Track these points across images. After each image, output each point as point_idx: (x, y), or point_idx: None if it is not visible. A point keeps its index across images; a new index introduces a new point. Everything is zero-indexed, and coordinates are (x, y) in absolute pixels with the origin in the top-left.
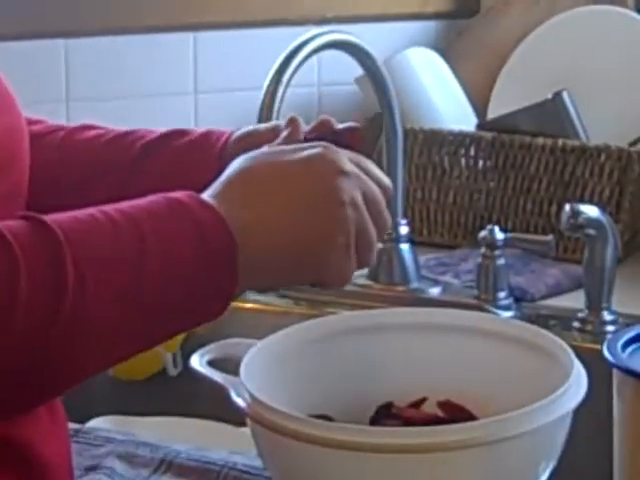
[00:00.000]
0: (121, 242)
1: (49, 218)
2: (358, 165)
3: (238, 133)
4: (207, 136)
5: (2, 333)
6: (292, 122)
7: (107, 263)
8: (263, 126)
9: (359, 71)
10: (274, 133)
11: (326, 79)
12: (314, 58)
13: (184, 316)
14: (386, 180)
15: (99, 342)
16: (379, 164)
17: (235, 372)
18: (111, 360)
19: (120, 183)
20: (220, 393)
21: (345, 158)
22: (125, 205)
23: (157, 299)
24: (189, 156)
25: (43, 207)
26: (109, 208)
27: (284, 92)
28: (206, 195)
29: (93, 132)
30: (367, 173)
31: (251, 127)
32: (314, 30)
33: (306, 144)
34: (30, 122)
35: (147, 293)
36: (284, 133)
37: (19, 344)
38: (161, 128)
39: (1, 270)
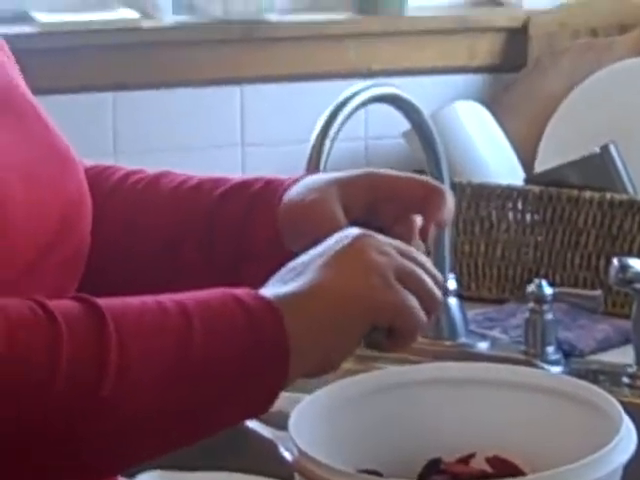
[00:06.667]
0: (168, 331)
1: (101, 301)
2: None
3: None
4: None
5: (41, 404)
6: None
7: (152, 352)
8: None
9: (406, 125)
10: None
11: (373, 133)
12: (361, 111)
13: (225, 413)
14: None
15: (134, 431)
16: None
17: (283, 427)
18: (148, 449)
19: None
20: (269, 448)
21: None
22: (179, 295)
23: (198, 392)
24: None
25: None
26: (164, 298)
27: (331, 146)
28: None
29: (177, 179)
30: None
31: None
32: (360, 83)
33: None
34: (99, 169)
35: (188, 386)
36: None
37: (56, 416)
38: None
39: (44, 342)
